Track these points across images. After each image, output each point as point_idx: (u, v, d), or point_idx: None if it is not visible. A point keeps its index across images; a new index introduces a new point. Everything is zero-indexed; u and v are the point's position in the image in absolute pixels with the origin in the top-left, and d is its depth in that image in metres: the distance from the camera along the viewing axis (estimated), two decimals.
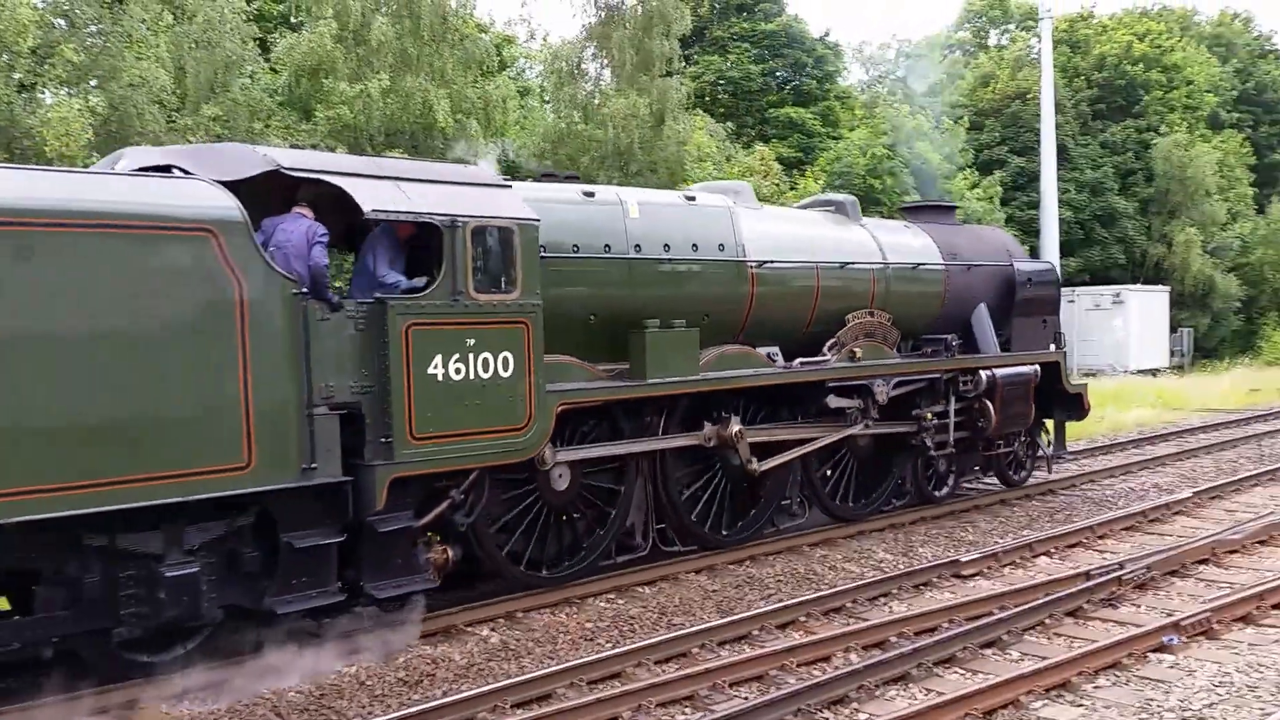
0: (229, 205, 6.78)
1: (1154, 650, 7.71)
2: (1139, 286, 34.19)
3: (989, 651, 7.85)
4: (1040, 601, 8.64)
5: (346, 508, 7.40)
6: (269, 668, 7.23)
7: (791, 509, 11.38)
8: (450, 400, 7.77)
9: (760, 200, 13.80)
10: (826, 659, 7.72)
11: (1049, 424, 14.12)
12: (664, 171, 20.48)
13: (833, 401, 10.95)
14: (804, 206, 12.99)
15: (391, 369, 7.46)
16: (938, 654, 7.55)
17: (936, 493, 12.76)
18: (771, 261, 10.65)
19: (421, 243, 7.99)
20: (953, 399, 12.27)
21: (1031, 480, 14.01)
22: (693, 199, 10.60)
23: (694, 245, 10.05)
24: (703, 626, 8.18)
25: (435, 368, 7.70)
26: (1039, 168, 27.82)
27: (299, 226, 7.54)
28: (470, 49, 19.15)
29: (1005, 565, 10.46)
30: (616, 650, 7.69)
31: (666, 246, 9.83)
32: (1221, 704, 6.74)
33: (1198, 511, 12.91)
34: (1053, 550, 11.04)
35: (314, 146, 16.78)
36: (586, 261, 9.25)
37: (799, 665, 7.52)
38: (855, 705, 6.86)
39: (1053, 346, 13.65)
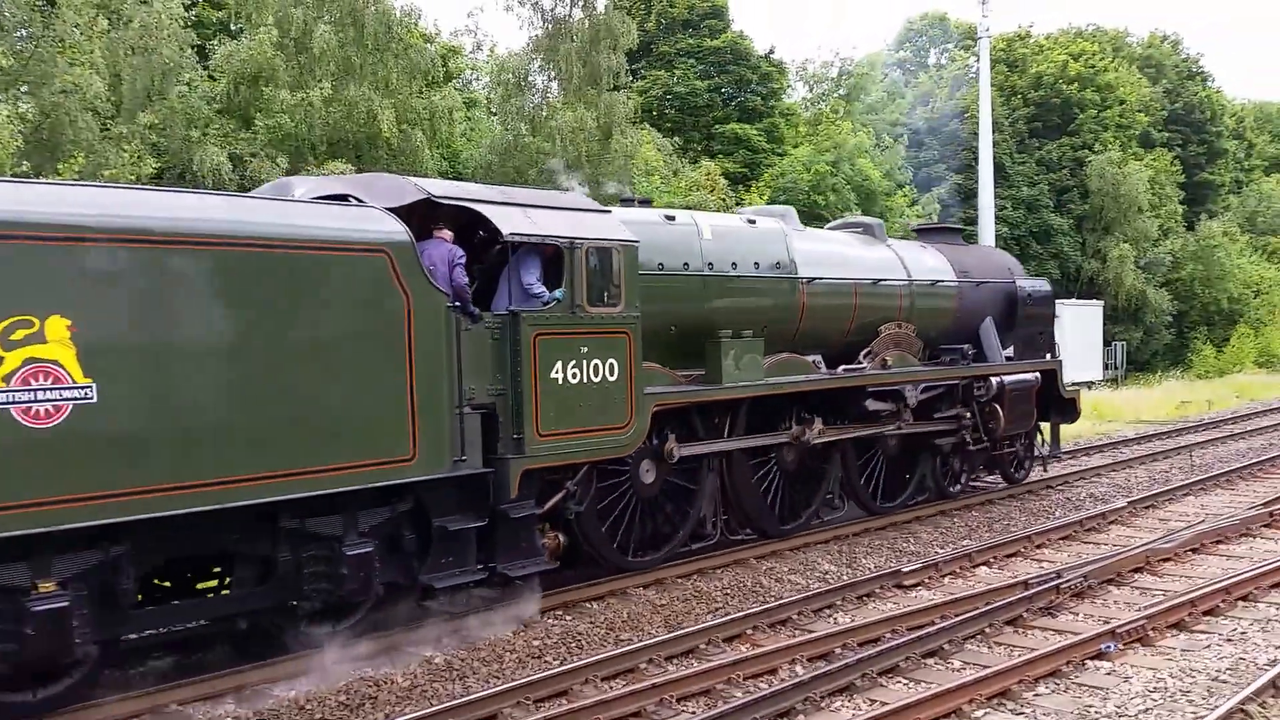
0: (399, 229, 7.82)
1: (1092, 657, 7.85)
2: (1073, 301, 34.94)
3: (931, 661, 7.94)
4: (980, 611, 8.75)
5: (487, 496, 8.42)
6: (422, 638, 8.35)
7: (834, 502, 12.55)
8: (568, 401, 8.84)
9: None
10: (773, 671, 7.74)
11: (1044, 426, 15.18)
12: (612, 185, 20.47)
13: (871, 404, 12.08)
14: (834, 228, 14.21)
15: (523, 373, 8.53)
16: (881, 664, 7.62)
17: (951, 489, 13.93)
18: (819, 278, 11.88)
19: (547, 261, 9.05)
20: (973, 403, 13.48)
21: (975, 485, 14.48)
22: (753, 222, 11.79)
23: (756, 263, 11.21)
24: (650, 642, 8.16)
25: (557, 372, 8.76)
26: (976, 185, 28.32)
27: (441, 249, 8.37)
28: (415, 59, 18.94)
29: (946, 575, 10.60)
30: (563, 668, 7.62)
31: (734, 264, 10.97)
32: (1156, 709, 6.89)
33: (1132, 521, 13.19)
34: (992, 560, 11.21)
35: (253, 155, 16.50)
36: (669, 278, 10.33)
37: (746, 678, 7.54)
38: (801, 717, 6.88)
39: (1048, 356, 14.87)
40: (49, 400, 6.18)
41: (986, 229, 27.20)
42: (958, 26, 45.49)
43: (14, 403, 6.06)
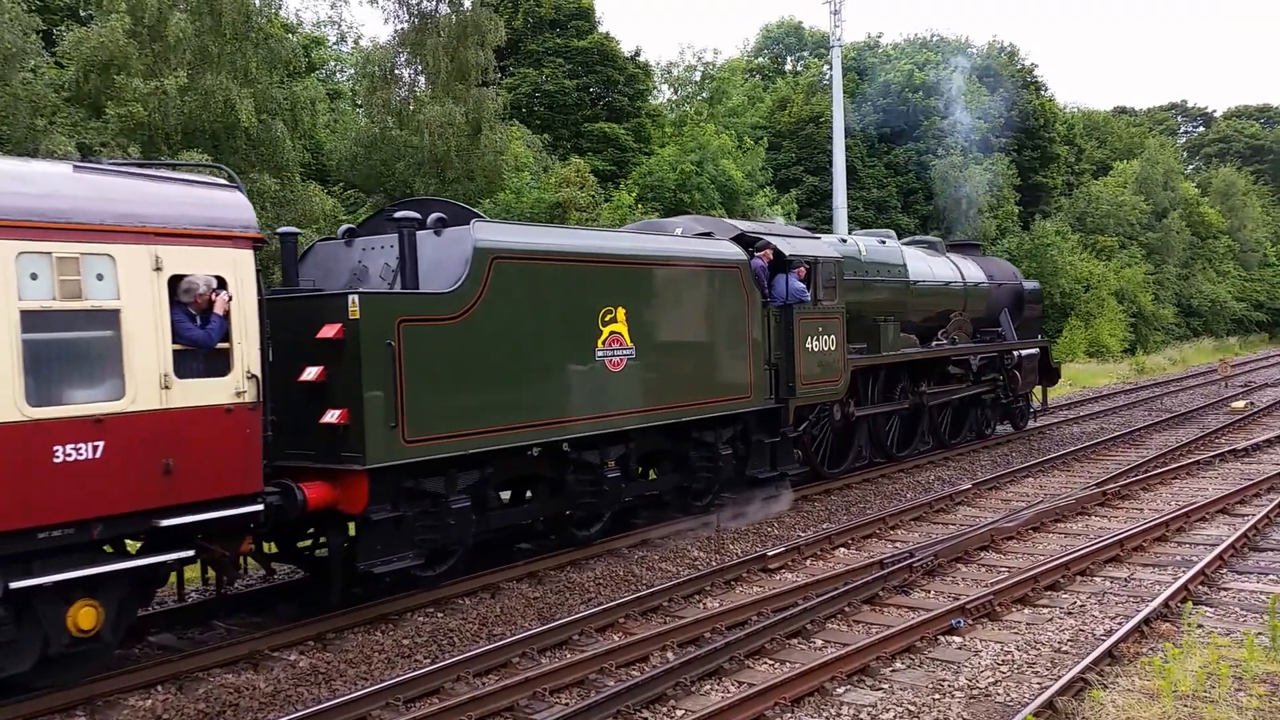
0: (741, 253, 12.75)
1: (944, 633, 8.33)
2: None
3: (795, 641, 8.28)
4: (840, 591, 9.16)
5: (777, 423, 13.20)
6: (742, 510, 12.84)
7: (925, 439, 17.46)
8: (814, 362, 13.64)
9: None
10: (645, 659, 7.92)
11: (1036, 389, 20.82)
12: (481, 180, 20.26)
13: (952, 369, 17.59)
14: (907, 244, 18.56)
15: (795, 344, 13.30)
16: (748, 646, 7.89)
17: (986, 431, 19.34)
18: (920, 281, 17.28)
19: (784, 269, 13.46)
20: (1001, 369, 18.95)
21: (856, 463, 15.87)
22: (884, 242, 17.01)
23: (889, 271, 16.48)
24: (523, 635, 8.23)
25: (809, 343, 13.54)
26: (831, 186, 29.21)
27: (758, 264, 13.02)
28: (276, 49, 18.27)
29: (808, 558, 11.03)
30: (434, 666, 7.59)
31: (878, 272, 16.18)
32: (1005, 681, 7.36)
33: (977, 501, 13.98)
34: (850, 541, 11.72)
35: (103, 145, 15.68)
36: (848, 282, 14.79)
37: (618, 667, 7.68)
38: (673, 702, 7.07)
39: (1039, 336, 21.25)
40: (619, 356, 10.85)
41: (840, 228, 28.00)
42: (812, 35, 46.75)
43: (606, 357, 10.71)
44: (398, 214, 9.54)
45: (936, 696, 7.10)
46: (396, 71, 21.06)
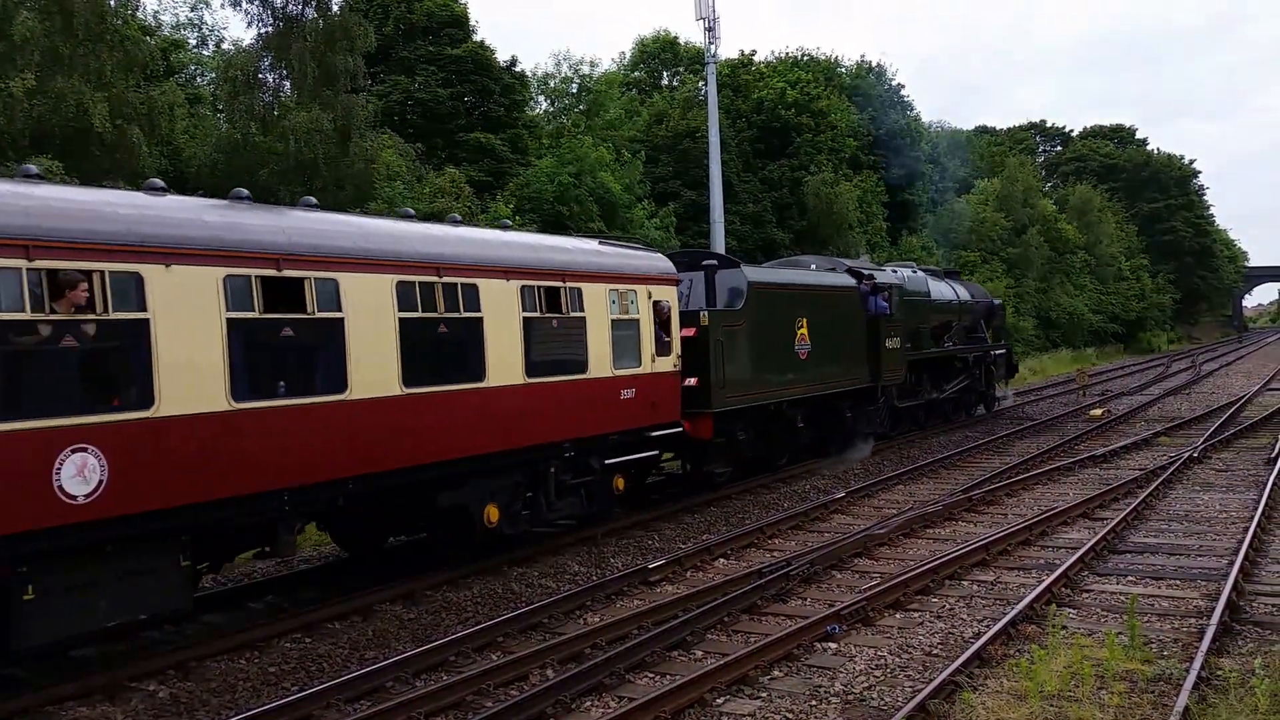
0: (854, 281, 19.56)
1: (820, 640, 8.43)
2: None
3: (676, 653, 8.25)
4: (720, 601, 9.18)
5: (874, 396, 19.62)
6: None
7: (936, 416, 23.82)
8: (889, 356, 19.76)
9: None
10: (525, 678, 7.78)
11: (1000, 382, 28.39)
12: (351, 189, 19.64)
13: (957, 364, 24.27)
14: (921, 270, 24.70)
15: (880, 343, 19.48)
16: (629, 661, 7.84)
17: (973, 412, 25.99)
18: (936, 299, 23.36)
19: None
20: (982, 364, 25.77)
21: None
22: (915, 271, 23.39)
23: (921, 294, 22.57)
24: (397, 658, 8.00)
25: (887, 343, 19.63)
26: (708, 200, 29.57)
27: (864, 289, 19.55)
28: (132, 51, 17.33)
29: (688, 569, 11.04)
30: (302, 693, 7.30)
31: (915, 294, 22.05)
32: (879, 685, 7.48)
33: (851, 509, 14.29)
34: (729, 551, 11.80)
35: None
36: (897, 302, 20.63)
37: (497, 687, 7.53)
38: None
39: (1003, 340, 28.68)
40: (804, 349, 17.07)
41: (718, 241, 28.37)
42: (687, 51, 47.32)
43: (799, 350, 16.97)
44: (704, 261, 15.79)
45: (813, 703, 7.17)
46: (260, 76, 20.22)
